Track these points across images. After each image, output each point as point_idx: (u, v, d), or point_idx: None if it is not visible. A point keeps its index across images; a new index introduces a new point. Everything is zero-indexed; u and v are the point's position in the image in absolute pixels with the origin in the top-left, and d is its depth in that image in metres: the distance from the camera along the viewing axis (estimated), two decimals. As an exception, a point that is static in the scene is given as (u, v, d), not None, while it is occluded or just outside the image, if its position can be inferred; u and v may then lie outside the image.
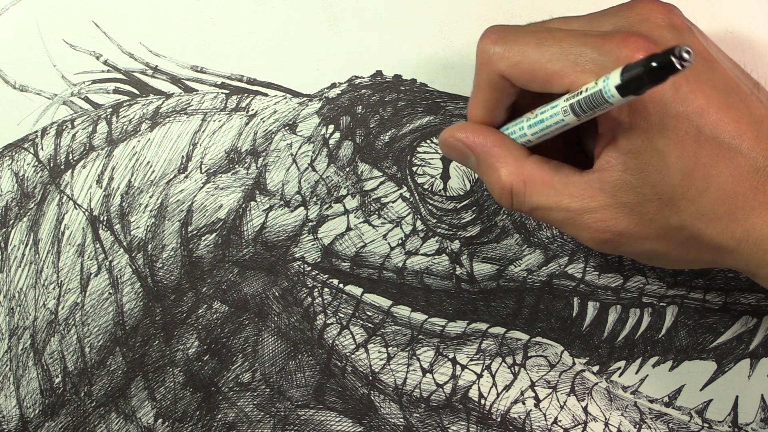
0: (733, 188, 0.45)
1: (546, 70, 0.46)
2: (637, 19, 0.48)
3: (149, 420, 0.56)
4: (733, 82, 0.47)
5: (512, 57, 0.47)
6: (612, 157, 0.46)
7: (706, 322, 0.56)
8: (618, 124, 0.45)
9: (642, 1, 0.49)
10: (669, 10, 0.48)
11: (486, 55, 0.48)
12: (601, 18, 0.49)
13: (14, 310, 0.56)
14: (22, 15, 0.58)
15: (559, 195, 0.47)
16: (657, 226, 0.46)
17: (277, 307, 0.56)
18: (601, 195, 0.46)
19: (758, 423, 0.56)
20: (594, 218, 0.47)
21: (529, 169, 0.48)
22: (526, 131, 0.48)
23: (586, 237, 0.48)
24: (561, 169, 0.48)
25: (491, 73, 0.48)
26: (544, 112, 0.47)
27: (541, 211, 0.48)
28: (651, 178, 0.45)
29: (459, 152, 0.51)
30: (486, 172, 0.50)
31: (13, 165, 0.57)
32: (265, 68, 0.58)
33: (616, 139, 0.46)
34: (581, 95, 0.44)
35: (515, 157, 0.49)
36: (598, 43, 0.45)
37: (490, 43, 0.48)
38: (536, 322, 0.56)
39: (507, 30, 0.48)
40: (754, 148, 0.45)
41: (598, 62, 0.45)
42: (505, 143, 0.49)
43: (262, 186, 0.57)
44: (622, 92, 0.42)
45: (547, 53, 0.46)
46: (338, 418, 0.56)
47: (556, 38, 0.46)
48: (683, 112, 0.45)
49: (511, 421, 0.56)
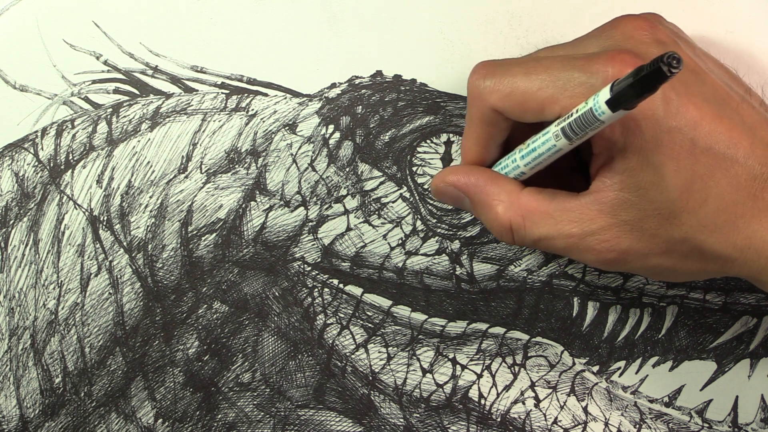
0: (731, 197, 0.45)
1: (537, 98, 0.46)
2: (621, 37, 0.48)
3: (149, 420, 0.56)
4: (723, 92, 0.47)
5: (503, 89, 0.47)
6: (608, 177, 0.46)
7: (706, 322, 0.56)
8: (612, 143, 0.45)
9: (624, 18, 0.49)
10: (652, 26, 0.48)
11: (477, 91, 0.48)
12: (586, 41, 0.49)
13: (14, 310, 0.57)
14: (22, 15, 0.58)
15: (558, 223, 0.47)
16: (660, 240, 0.46)
17: (277, 307, 0.56)
18: (601, 216, 0.46)
19: (758, 423, 0.56)
20: (597, 240, 0.47)
21: (525, 202, 0.48)
22: (519, 163, 0.48)
23: (592, 259, 0.48)
24: (557, 196, 0.48)
25: (483, 108, 0.48)
26: (536, 140, 0.47)
27: (544, 242, 0.48)
28: (649, 195, 0.45)
29: (452, 196, 0.51)
30: (482, 211, 0.50)
31: (13, 165, 0.57)
32: (265, 68, 0.58)
33: (611, 160, 0.46)
34: (572, 117, 0.44)
35: (509, 192, 0.49)
36: (585, 64, 0.45)
37: (479, 78, 0.48)
38: (536, 322, 0.57)
39: (495, 64, 0.48)
40: (749, 156, 0.46)
41: (587, 84, 0.45)
42: (497, 180, 0.49)
43: (262, 186, 0.57)
44: (612, 107, 0.41)
45: (537, 81, 0.46)
46: (338, 418, 0.56)
47: (544, 66, 0.46)
48: (676, 126, 0.45)
49: (511, 421, 0.56)
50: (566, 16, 0.57)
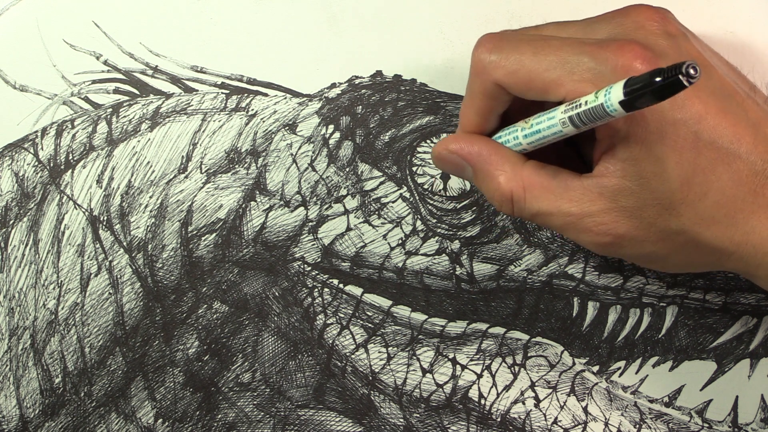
0: (732, 192, 0.45)
1: (543, 79, 0.46)
2: (632, 26, 0.48)
3: (149, 420, 0.56)
4: (729, 87, 0.47)
5: (509, 66, 0.47)
6: (611, 164, 0.46)
7: (706, 322, 0.56)
8: (616, 131, 0.45)
9: (636, 8, 0.49)
10: (663, 18, 0.48)
11: (481, 64, 0.48)
12: (596, 24, 0.49)
13: (14, 310, 0.56)
14: (22, 15, 0.58)
15: (559, 199, 0.47)
16: (657, 230, 0.46)
17: (277, 307, 0.56)
18: (601, 199, 0.46)
19: (758, 423, 0.56)
20: (595, 222, 0.47)
21: (527, 175, 0.48)
22: (521, 140, 0.48)
23: (587, 240, 0.48)
24: (559, 173, 0.48)
25: (486, 82, 0.48)
26: (541, 122, 0.47)
27: (541, 217, 0.48)
28: (650, 185, 0.45)
29: (454, 164, 0.51)
30: (484, 180, 0.50)
31: (13, 165, 0.57)
32: (265, 68, 0.58)
33: (614, 147, 0.46)
34: (581, 108, 0.44)
35: (512, 163, 0.49)
36: (595, 51, 0.45)
37: (485, 51, 0.48)
38: (536, 322, 0.56)
39: (502, 38, 0.48)
40: (752, 152, 0.46)
41: (595, 71, 0.45)
42: (500, 151, 0.49)
43: (262, 186, 0.57)
44: (625, 107, 0.42)
45: (544, 62, 0.46)
46: (338, 418, 0.56)
47: (553, 47, 0.46)
48: (681, 118, 0.45)
49: (511, 421, 0.56)
50: (566, 16, 0.57)
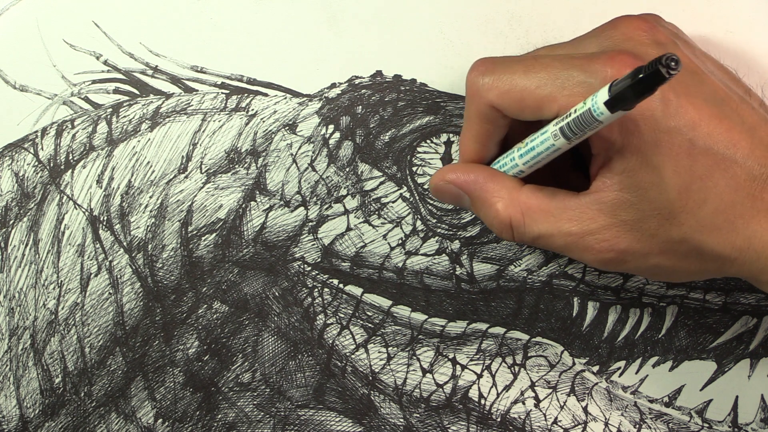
0: (730, 198, 0.45)
1: (535, 96, 0.46)
2: (621, 38, 0.48)
3: (149, 420, 0.56)
4: (722, 92, 0.47)
5: (501, 86, 0.47)
6: (607, 177, 0.46)
7: (706, 322, 0.56)
8: (611, 144, 0.45)
9: (624, 19, 0.49)
10: (652, 27, 0.48)
11: (475, 87, 0.48)
12: (586, 41, 0.50)
13: (14, 310, 0.56)
14: (22, 15, 0.58)
15: (558, 221, 0.47)
16: (659, 241, 0.46)
17: (277, 307, 0.56)
18: (601, 216, 0.46)
19: (758, 423, 0.56)
20: (596, 239, 0.47)
21: (524, 199, 0.48)
22: (517, 161, 0.48)
23: (591, 258, 0.48)
24: (556, 194, 0.48)
25: (481, 105, 0.48)
26: (534, 139, 0.47)
27: (543, 239, 0.48)
28: (649, 195, 0.45)
29: (451, 194, 0.51)
30: (481, 208, 0.50)
31: (13, 165, 0.57)
32: (265, 68, 0.58)
33: (610, 160, 0.46)
34: (570, 117, 0.44)
35: (509, 189, 0.49)
36: (585, 64, 0.45)
37: (478, 74, 0.48)
38: (536, 322, 0.57)
39: (494, 61, 0.49)
40: (749, 156, 0.46)
41: (586, 84, 0.45)
42: (496, 177, 0.49)
43: (262, 186, 0.57)
44: (611, 108, 0.42)
45: (535, 79, 0.46)
46: (338, 418, 0.56)
47: (543, 64, 0.47)
48: (675, 126, 0.45)
49: (511, 421, 0.56)
50: (566, 16, 0.57)
